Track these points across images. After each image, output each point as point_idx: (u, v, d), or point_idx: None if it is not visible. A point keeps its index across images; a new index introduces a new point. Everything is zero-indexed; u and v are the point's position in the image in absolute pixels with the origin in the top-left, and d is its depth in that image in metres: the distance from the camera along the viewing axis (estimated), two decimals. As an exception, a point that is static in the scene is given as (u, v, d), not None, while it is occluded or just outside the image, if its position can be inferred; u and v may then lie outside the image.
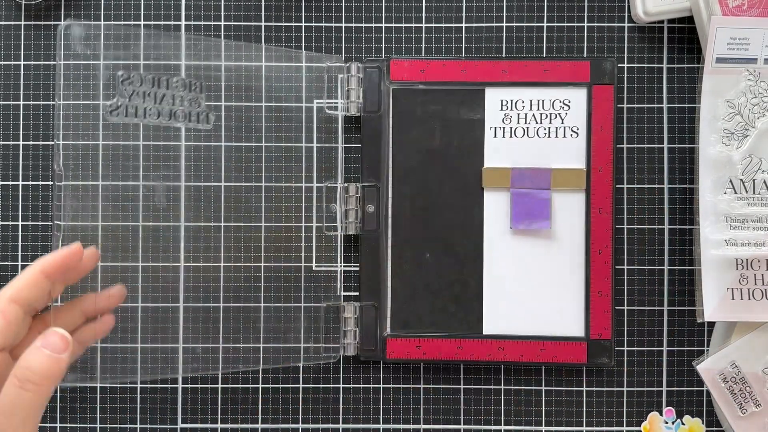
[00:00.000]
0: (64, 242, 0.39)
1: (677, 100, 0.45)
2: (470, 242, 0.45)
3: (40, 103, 0.45)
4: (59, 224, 0.40)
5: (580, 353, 0.44)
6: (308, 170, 0.45)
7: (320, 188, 0.45)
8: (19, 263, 0.45)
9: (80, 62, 0.39)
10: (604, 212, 0.44)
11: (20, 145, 0.45)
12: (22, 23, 0.46)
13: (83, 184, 0.45)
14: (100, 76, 0.40)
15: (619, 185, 0.45)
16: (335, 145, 0.45)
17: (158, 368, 0.45)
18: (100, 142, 0.45)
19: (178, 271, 0.44)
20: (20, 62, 0.46)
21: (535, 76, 0.44)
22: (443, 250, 0.45)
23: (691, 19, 0.44)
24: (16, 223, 0.45)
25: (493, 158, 0.45)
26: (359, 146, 0.45)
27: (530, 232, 0.44)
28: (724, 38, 0.42)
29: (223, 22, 0.46)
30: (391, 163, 0.45)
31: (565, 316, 0.44)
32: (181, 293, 0.44)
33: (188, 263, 0.44)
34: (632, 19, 0.45)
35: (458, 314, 0.45)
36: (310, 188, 0.45)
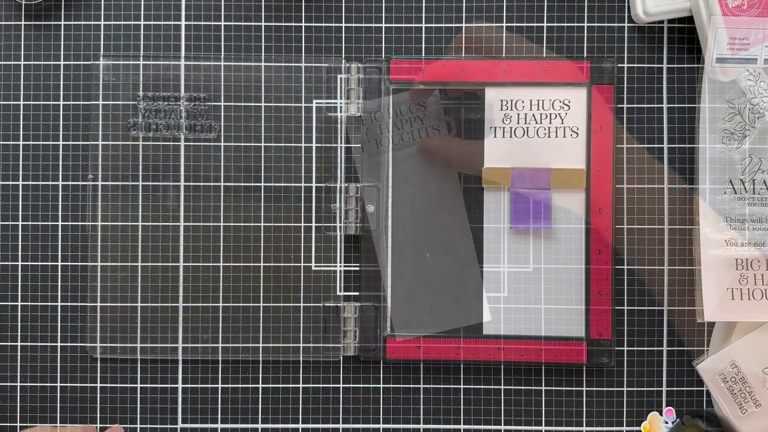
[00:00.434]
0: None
1: (677, 100, 0.45)
2: (470, 242, 0.45)
3: (40, 103, 0.45)
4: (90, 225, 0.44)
5: (579, 353, 0.44)
6: (308, 170, 0.45)
7: (320, 188, 0.45)
8: (19, 263, 0.45)
9: (110, 92, 0.45)
10: (604, 212, 0.44)
11: (20, 145, 0.45)
12: (22, 23, 0.46)
13: (83, 184, 0.45)
14: (120, 96, 0.45)
15: (619, 185, 0.45)
16: (335, 145, 0.45)
17: (158, 368, 0.45)
18: (99, 142, 0.45)
19: (177, 271, 0.45)
20: (20, 62, 0.46)
21: (535, 76, 0.44)
22: (443, 250, 0.45)
23: (691, 19, 0.44)
24: (16, 223, 0.45)
25: (493, 158, 0.45)
26: (359, 146, 0.45)
27: (530, 232, 0.45)
28: (724, 38, 0.42)
29: (223, 22, 0.46)
30: (391, 163, 0.45)
31: (565, 316, 0.44)
32: (180, 293, 0.45)
33: (188, 263, 0.45)
34: (632, 19, 0.45)
35: (458, 314, 0.45)
36: (310, 188, 0.45)
